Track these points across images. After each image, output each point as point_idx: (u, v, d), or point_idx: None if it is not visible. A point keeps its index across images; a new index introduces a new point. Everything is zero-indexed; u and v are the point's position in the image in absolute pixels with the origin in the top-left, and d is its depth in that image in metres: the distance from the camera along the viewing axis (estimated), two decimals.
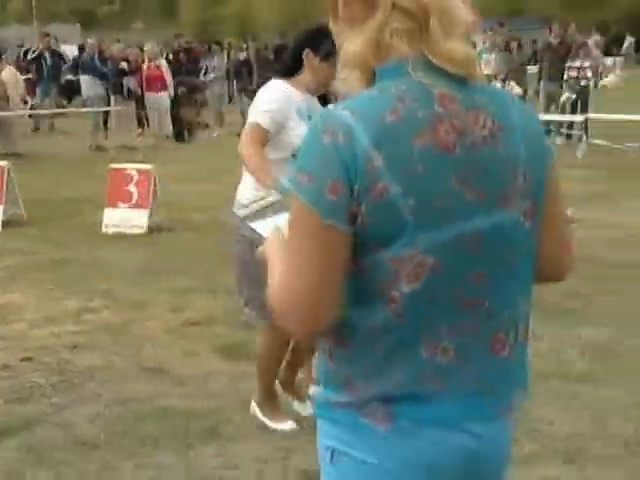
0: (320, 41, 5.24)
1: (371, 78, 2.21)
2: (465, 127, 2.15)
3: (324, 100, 5.78)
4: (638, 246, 9.94)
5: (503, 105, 2.26)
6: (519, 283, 2.30)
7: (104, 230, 12.00)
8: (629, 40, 44.38)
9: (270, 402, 5.86)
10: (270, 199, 2.74)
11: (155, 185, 12.13)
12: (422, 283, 2.14)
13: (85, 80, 23.70)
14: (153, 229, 11.94)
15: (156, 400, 6.27)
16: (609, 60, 40.05)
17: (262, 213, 2.70)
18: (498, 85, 19.92)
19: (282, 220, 2.41)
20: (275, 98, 5.42)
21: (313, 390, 2.36)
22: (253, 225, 2.74)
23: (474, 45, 2.09)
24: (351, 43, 2.19)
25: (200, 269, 9.86)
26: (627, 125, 17.88)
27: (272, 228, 2.48)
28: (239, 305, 5.62)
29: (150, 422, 5.86)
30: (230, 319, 7.98)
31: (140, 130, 24.62)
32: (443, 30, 2.14)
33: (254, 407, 5.88)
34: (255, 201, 4.93)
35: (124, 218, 11.99)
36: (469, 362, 2.24)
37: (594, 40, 35.86)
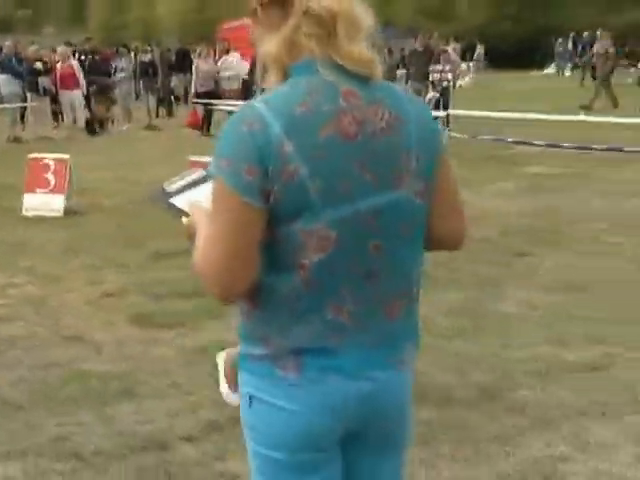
0: None
1: (285, 75, 2.25)
2: (365, 119, 2.21)
3: None
4: (492, 224, 10.06)
5: (398, 99, 2.31)
6: (412, 253, 2.36)
7: (24, 213, 11.76)
8: (479, 48, 45.39)
9: None
10: (192, 177, 2.68)
11: (70, 173, 11.99)
12: (327, 253, 2.21)
13: (2, 79, 23.24)
14: (69, 212, 11.73)
15: (76, 364, 6.15)
16: (464, 65, 40.99)
17: (183, 189, 2.67)
18: None
19: (200, 194, 2.51)
20: None
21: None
22: (173, 200, 2.68)
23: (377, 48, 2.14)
24: (268, 44, 2.24)
25: (112, 247, 9.74)
26: (480, 121, 18.11)
27: (194, 202, 2.52)
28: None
29: (70, 385, 5.73)
30: (141, 291, 7.95)
31: (55, 124, 24.36)
32: (348, 35, 2.19)
33: None
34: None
35: (43, 202, 11.78)
36: (368, 321, 2.31)
37: (453, 47, 36.47)
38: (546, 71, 45.11)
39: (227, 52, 23.26)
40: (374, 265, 2.28)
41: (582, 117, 16.76)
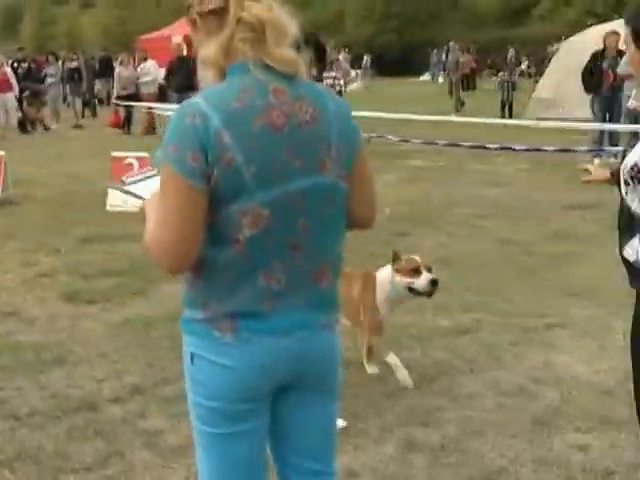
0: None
1: (222, 74, 2.29)
2: (292, 112, 2.26)
3: None
4: (379, 209, 10.11)
5: (320, 96, 2.36)
6: (334, 231, 2.41)
7: None
8: (366, 58, 45.58)
9: None
10: (147, 173, 2.76)
11: (5, 168, 11.69)
12: (260, 229, 2.24)
13: None
14: (5, 203, 11.41)
15: (11, 337, 6.06)
16: (353, 72, 41.22)
17: (139, 180, 2.74)
18: None
19: (153, 184, 2.53)
20: None
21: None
22: (130, 188, 2.75)
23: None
24: (208, 48, 2.28)
25: (45, 233, 9.52)
26: (368, 121, 18.21)
27: (147, 189, 2.59)
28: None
29: (6, 355, 5.64)
30: (71, 271, 7.84)
31: None
32: (276, 40, 2.25)
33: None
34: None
35: None
36: (296, 289, 2.34)
37: (344, 56, 36.63)
38: (422, 78, 45.56)
39: (145, 60, 22.94)
40: (301, 239, 2.31)
41: (453, 117, 16.99)
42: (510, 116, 21.51)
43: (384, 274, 5.15)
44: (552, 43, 26.85)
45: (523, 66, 42.21)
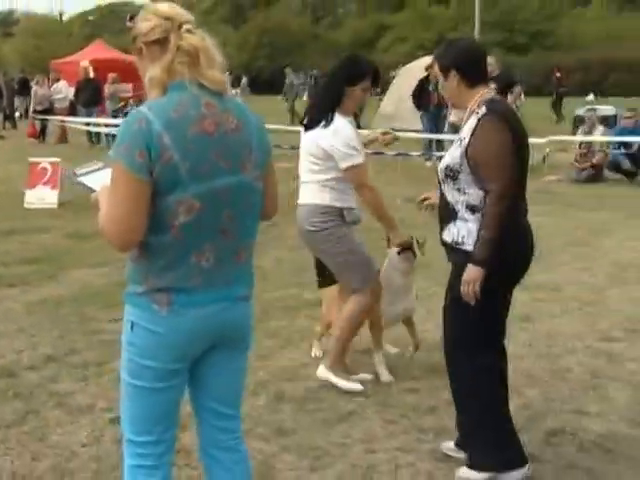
0: (354, 74, 4.31)
1: (164, 90, 2.32)
2: (221, 122, 2.32)
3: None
4: None
5: (243, 110, 2.43)
6: (252, 219, 2.47)
7: None
8: (244, 79, 45.10)
9: (341, 366, 4.51)
10: (96, 165, 2.71)
11: None
12: (192, 217, 2.27)
13: None
14: None
15: None
16: (234, 91, 40.70)
17: (90, 172, 2.71)
18: None
19: (102, 176, 2.53)
20: (353, 135, 4.33)
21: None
22: (81, 179, 2.71)
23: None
24: (154, 70, 2.32)
25: None
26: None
27: (97, 181, 2.57)
28: None
29: None
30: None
31: None
32: (207, 64, 2.32)
33: (324, 372, 4.48)
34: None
35: None
36: (222, 266, 2.38)
37: (225, 77, 36.04)
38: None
39: (58, 80, 22.24)
40: (227, 226, 2.35)
41: None
42: (359, 127, 21.71)
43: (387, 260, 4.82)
44: (392, 69, 27.32)
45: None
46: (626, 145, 12.46)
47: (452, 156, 3.36)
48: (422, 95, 14.42)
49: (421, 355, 4.88)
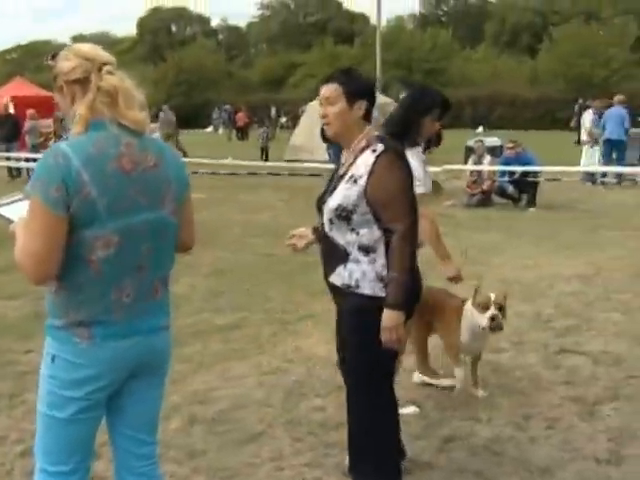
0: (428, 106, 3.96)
1: (86, 128, 2.24)
2: (139, 160, 2.27)
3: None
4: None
5: (162, 148, 2.39)
6: (168, 254, 2.42)
7: None
8: (162, 115, 44.33)
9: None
10: (15, 197, 2.60)
11: None
12: (111, 252, 2.21)
13: None
14: None
15: None
16: (153, 124, 40.07)
17: (9, 204, 2.60)
18: None
19: (21, 208, 2.41)
20: (416, 165, 3.69)
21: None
22: (0, 210, 2.58)
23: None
24: (78, 108, 2.24)
25: None
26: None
27: (15, 212, 2.48)
28: None
29: None
30: None
31: None
32: (126, 104, 2.27)
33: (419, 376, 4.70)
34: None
35: None
36: (140, 301, 2.32)
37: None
38: (207, 130, 45.19)
39: None
40: (145, 261, 2.30)
41: (229, 160, 16.91)
42: (266, 159, 21.81)
43: (469, 306, 4.44)
44: (302, 105, 27.60)
45: (283, 120, 42.96)
46: (510, 173, 12.85)
47: (345, 196, 3.02)
48: None
49: (327, 374, 4.85)
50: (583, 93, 34.82)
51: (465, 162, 15.30)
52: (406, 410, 4.16)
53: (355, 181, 3.00)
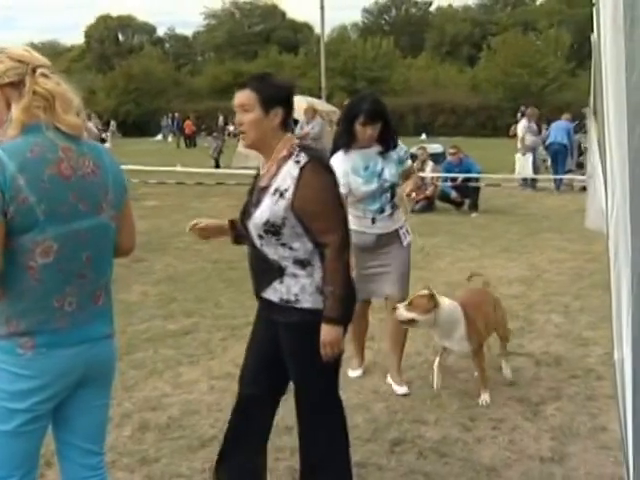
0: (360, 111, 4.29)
1: (22, 132, 2.15)
2: (77, 166, 2.20)
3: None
4: None
5: (99, 154, 2.32)
6: (108, 261, 2.36)
7: None
8: (112, 123, 43.81)
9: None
10: None
11: None
12: (51, 259, 2.15)
13: None
14: None
15: None
16: (104, 134, 39.43)
17: None
18: None
19: None
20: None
21: None
22: None
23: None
24: (14, 112, 2.16)
25: None
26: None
27: None
28: None
29: None
30: None
31: None
32: (63, 108, 2.19)
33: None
34: None
35: None
36: (82, 309, 2.26)
37: (93, 122, 34.93)
38: (156, 138, 44.69)
39: None
40: (85, 269, 2.24)
41: (178, 167, 16.76)
42: (218, 166, 21.77)
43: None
44: None
45: (231, 128, 42.73)
46: (453, 179, 13.03)
47: (272, 210, 2.86)
48: None
49: None
50: (522, 101, 35.57)
51: None
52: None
53: (281, 195, 2.84)
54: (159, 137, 44.72)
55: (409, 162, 4.69)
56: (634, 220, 1.80)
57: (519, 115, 30.00)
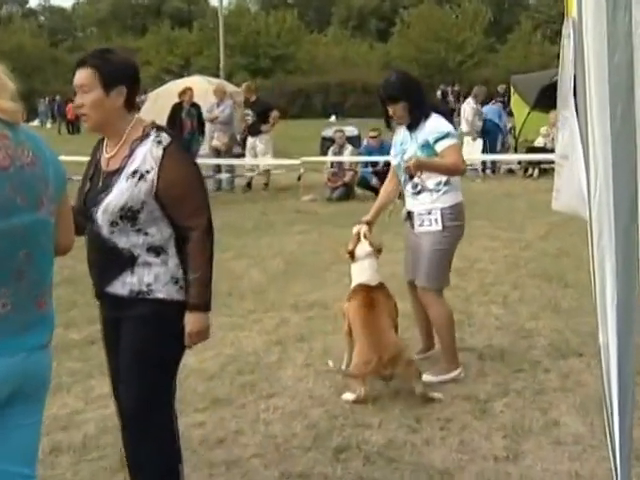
0: None
1: None
2: (15, 155, 2.16)
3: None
4: None
5: (38, 143, 2.29)
6: (48, 258, 2.32)
7: None
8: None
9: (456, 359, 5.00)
10: None
11: None
12: None
13: None
14: None
15: None
16: None
17: None
18: None
19: None
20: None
21: None
22: None
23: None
24: None
25: None
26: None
27: None
28: None
29: None
30: None
31: None
32: None
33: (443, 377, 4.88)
34: None
35: None
36: (21, 313, 2.21)
37: None
38: (33, 124, 43.20)
39: None
40: (24, 267, 2.19)
41: (62, 157, 16.23)
42: None
43: None
44: (140, 94, 26.98)
45: None
46: (373, 164, 13.21)
47: (131, 193, 2.87)
48: (175, 121, 14.25)
49: (200, 385, 4.79)
50: (438, 78, 36.38)
51: (323, 153, 15.55)
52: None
53: (142, 176, 2.87)
54: (36, 122, 43.31)
55: (440, 145, 4.71)
56: (617, 203, 1.90)
57: (439, 93, 30.69)
